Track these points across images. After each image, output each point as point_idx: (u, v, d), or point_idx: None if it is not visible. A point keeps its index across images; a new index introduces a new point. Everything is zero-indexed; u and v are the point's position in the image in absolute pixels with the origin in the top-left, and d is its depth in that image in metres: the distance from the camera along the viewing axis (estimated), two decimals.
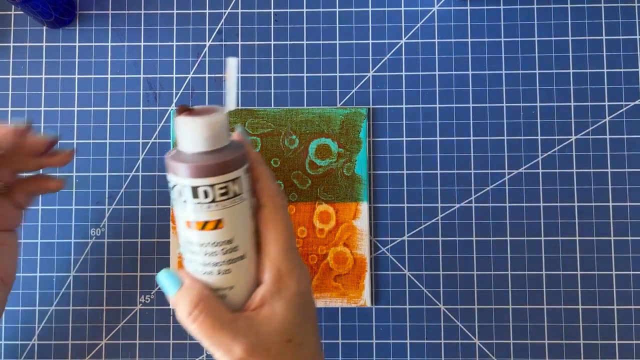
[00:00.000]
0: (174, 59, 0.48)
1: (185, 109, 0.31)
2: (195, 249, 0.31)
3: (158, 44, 0.48)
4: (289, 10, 0.48)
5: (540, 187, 0.47)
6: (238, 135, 0.34)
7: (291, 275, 0.32)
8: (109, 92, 0.48)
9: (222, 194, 0.30)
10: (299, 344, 0.33)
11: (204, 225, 0.30)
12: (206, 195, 0.30)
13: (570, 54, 0.47)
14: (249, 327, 0.31)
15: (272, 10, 0.48)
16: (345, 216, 0.46)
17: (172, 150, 0.31)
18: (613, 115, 0.47)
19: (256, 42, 0.48)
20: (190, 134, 0.30)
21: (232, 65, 0.31)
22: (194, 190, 0.30)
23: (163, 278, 0.32)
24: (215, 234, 0.31)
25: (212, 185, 0.30)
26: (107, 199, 0.47)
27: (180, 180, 0.30)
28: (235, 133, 0.34)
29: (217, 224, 0.30)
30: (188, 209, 0.30)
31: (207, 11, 0.48)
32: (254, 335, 0.31)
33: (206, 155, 0.30)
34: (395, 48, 0.48)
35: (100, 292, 0.46)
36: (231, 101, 0.32)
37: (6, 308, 0.46)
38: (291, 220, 0.33)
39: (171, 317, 0.46)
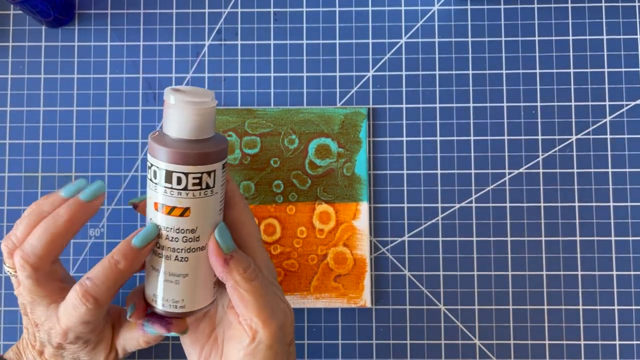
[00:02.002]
0: (173, 58, 0.48)
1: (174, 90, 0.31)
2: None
3: (157, 43, 0.48)
4: (288, 9, 0.48)
5: (541, 187, 0.46)
6: None
7: (266, 261, 0.35)
8: (107, 91, 0.48)
9: (195, 184, 0.31)
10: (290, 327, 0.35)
11: (171, 210, 0.31)
12: (179, 182, 0.30)
13: (571, 53, 0.47)
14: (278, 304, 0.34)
15: (271, 10, 0.48)
16: (345, 216, 0.46)
17: (155, 130, 0.32)
18: (614, 115, 0.47)
19: (256, 42, 0.48)
20: (178, 120, 0.30)
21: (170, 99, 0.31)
22: (168, 175, 0.30)
23: (223, 230, 0.32)
24: (180, 221, 0.31)
25: (186, 174, 0.30)
26: (106, 199, 0.47)
27: (157, 163, 0.31)
28: None
29: (184, 212, 0.31)
30: (159, 192, 0.31)
31: (206, 10, 0.48)
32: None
33: (188, 143, 0.31)
34: (396, 47, 0.48)
35: None
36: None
37: (6, 308, 0.46)
38: None
39: None
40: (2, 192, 0.47)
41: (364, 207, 0.46)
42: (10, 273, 0.36)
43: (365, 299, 0.45)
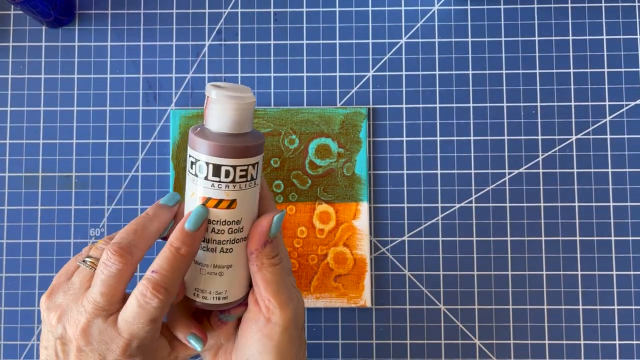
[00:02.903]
0: (174, 58, 0.48)
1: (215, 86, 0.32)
2: None
3: (157, 43, 0.48)
4: (288, 9, 0.48)
5: (541, 187, 0.46)
6: None
7: (285, 253, 0.36)
8: (108, 91, 0.48)
9: (242, 176, 0.31)
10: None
11: (218, 203, 0.31)
12: (227, 175, 0.31)
13: (571, 53, 0.47)
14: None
15: (271, 10, 0.48)
16: (345, 216, 0.46)
17: (196, 126, 0.32)
18: (614, 115, 0.47)
19: (256, 42, 0.48)
20: (222, 115, 0.31)
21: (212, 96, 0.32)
22: (216, 169, 0.31)
23: (281, 219, 0.33)
24: (227, 213, 0.32)
25: (234, 167, 0.31)
26: (106, 199, 0.47)
27: (203, 157, 0.31)
28: None
29: (231, 204, 0.32)
30: (205, 186, 0.31)
31: (206, 11, 0.48)
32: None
33: (234, 137, 0.31)
34: (396, 48, 0.48)
35: None
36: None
37: (5, 308, 0.46)
38: None
39: None
40: (2, 192, 0.47)
41: (364, 207, 0.46)
42: (88, 265, 0.33)
43: (365, 299, 0.45)
